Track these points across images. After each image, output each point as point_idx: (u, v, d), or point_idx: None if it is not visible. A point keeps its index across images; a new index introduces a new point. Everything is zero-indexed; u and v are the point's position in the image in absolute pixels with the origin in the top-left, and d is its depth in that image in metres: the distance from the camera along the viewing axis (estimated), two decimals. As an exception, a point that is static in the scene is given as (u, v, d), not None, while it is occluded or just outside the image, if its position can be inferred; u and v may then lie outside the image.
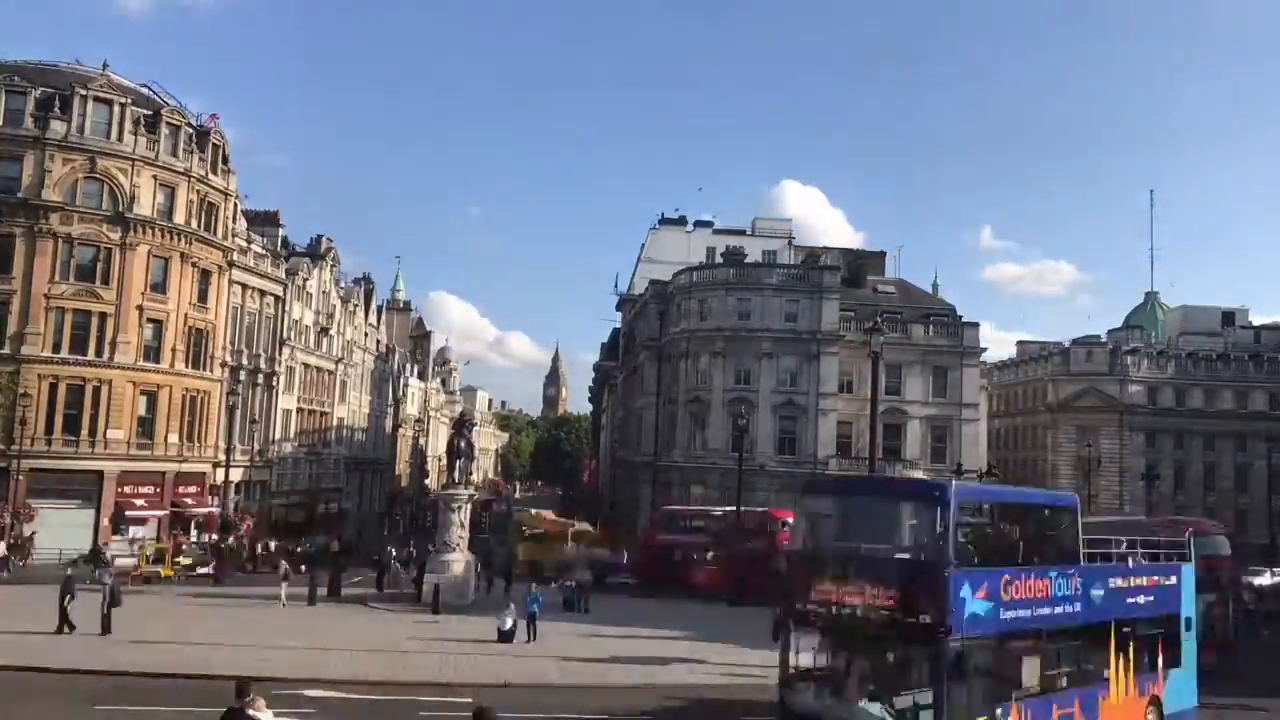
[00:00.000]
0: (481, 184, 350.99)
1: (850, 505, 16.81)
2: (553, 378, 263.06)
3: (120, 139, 48.72)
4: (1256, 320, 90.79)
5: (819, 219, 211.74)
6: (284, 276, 63.01)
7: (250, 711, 11.34)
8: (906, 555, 15.23)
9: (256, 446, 59.54)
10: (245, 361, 57.85)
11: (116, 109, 48.82)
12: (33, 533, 43.94)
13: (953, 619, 13.67)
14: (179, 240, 50.60)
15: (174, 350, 50.18)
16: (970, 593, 14.06)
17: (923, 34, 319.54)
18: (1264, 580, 44.01)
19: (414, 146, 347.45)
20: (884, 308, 60.05)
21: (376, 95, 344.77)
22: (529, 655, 24.51)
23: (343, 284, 79.23)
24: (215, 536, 48.39)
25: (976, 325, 63.11)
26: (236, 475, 55.45)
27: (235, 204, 57.44)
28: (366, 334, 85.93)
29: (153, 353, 49.36)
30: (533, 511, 66.03)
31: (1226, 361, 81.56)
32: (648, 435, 66.70)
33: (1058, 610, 15.81)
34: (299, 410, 66.86)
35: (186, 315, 51.17)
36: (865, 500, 17.23)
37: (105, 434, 47.04)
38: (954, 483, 16.06)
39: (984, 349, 64.23)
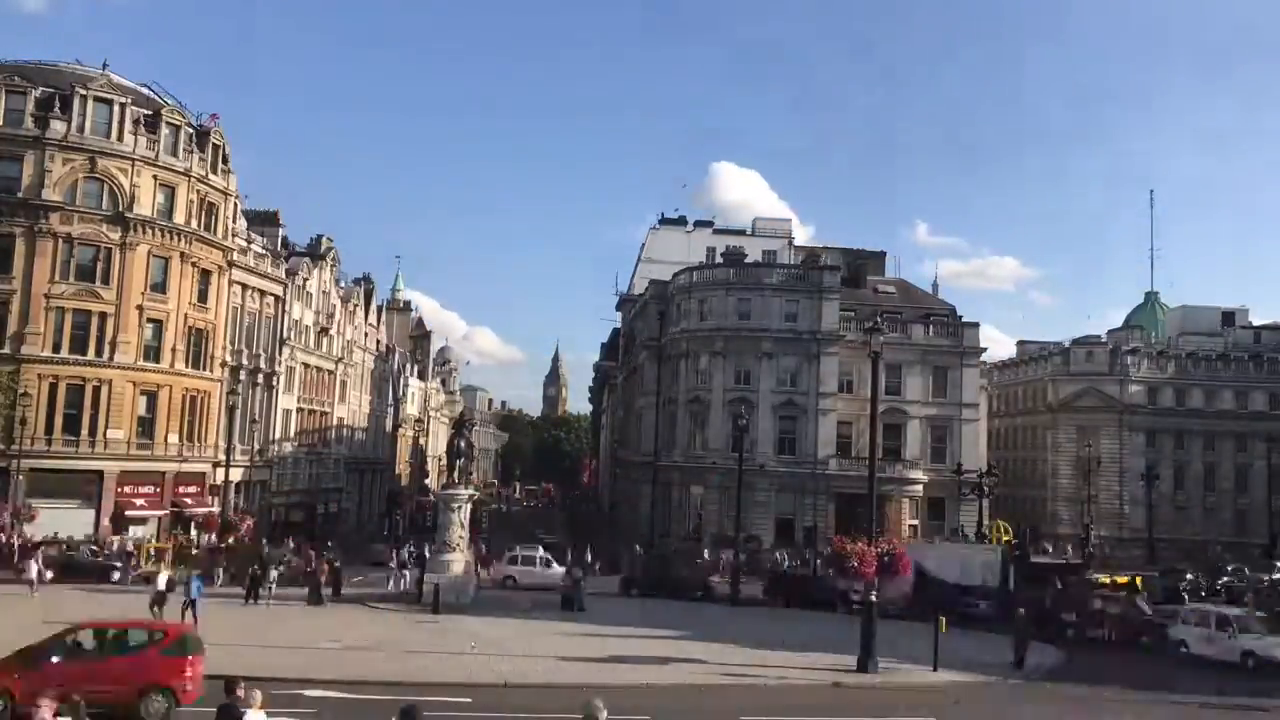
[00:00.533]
0: (448, 177, 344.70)
1: None
2: (553, 378, 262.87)
3: (120, 139, 48.69)
4: (1256, 320, 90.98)
5: (764, 208, 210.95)
6: (284, 276, 63.02)
7: (242, 708, 11.41)
8: None
9: (256, 446, 59.53)
10: (245, 361, 57.86)
11: (116, 109, 48.76)
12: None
13: None
14: (179, 240, 50.57)
15: (174, 350, 50.16)
16: None
17: (883, 24, 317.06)
18: None
19: (381, 135, 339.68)
20: (884, 308, 60.16)
21: (358, 87, 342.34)
22: (529, 655, 24.51)
23: (343, 284, 79.26)
24: (215, 537, 48.31)
25: (976, 325, 63.25)
26: (236, 475, 55.41)
27: (235, 204, 57.43)
28: (366, 334, 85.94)
29: (153, 353, 49.33)
30: None
31: (1226, 361, 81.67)
32: (648, 435, 66.76)
33: None
34: (299, 410, 66.87)
35: (186, 315, 51.15)
36: None
37: (105, 434, 47.02)
38: None
39: (984, 349, 64.31)
